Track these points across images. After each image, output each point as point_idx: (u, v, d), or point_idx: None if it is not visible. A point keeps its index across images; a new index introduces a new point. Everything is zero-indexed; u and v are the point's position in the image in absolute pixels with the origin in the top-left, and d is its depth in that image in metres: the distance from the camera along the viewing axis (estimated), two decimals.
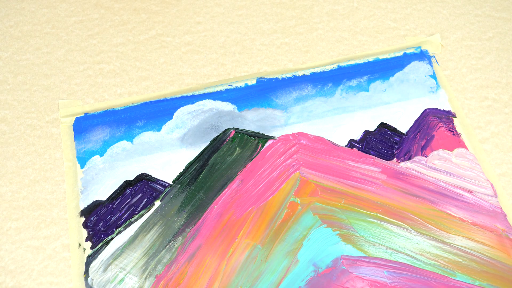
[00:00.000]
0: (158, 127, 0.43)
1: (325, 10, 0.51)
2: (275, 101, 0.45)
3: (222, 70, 0.47)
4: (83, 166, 0.41)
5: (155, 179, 0.41)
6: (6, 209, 0.40)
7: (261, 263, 0.37)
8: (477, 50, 0.49)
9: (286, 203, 0.39)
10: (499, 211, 0.40)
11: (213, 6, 0.51)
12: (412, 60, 0.47)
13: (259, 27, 0.49)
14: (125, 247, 0.38)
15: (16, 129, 0.43)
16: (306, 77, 0.46)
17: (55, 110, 0.44)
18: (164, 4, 0.51)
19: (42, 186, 0.41)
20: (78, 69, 0.46)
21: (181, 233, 0.38)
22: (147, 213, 0.39)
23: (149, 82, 0.46)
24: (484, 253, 0.38)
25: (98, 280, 0.36)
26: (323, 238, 0.38)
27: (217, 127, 0.43)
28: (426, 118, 0.44)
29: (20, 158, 0.42)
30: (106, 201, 0.40)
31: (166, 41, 0.48)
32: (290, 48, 0.48)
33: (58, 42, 0.48)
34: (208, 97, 0.45)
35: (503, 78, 0.47)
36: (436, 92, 0.45)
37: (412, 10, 0.51)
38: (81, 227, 0.39)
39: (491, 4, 0.52)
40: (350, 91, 0.45)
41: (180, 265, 0.37)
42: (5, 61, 0.47)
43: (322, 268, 0.37)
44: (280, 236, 0.38)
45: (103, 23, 0.49)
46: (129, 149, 0.42)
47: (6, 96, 0.45)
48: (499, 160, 0.43)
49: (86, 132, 0.43)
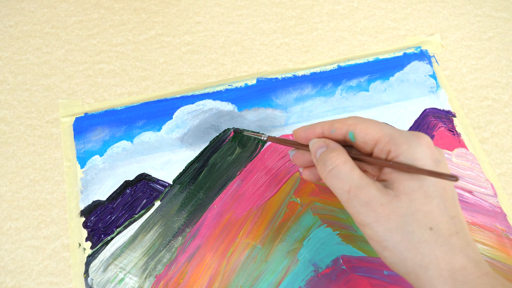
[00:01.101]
0: (158, 127, 0.43)
1: (325, 10, 0.51)
2: (275, 101, 0.45)
3: (222, 70, 0.47)
4: (83, 166, 0.41)
5: (155, 179, 0.41)
6: (6, 209, 0.40)
7: (261, 263, 0.37)
8: (477, 50, 0.49)
9: (286, 203, 0.39)
10: (499, 211, 0.40)
11: (213, 6, 0.51)
12: (412, 60, 0.47)
13: (259, 27, 0.49)
14: (125, 247, 0.38)
15: (16, 129, 0.43)
16: (306, 77, 0.46)
17: (55, 110, 0.44)
18: (164, 4, 0.51)
19: (42, 186, 0.41)
20: (78, 69, 0.46)
21: (181, 233, 0.38)
22: (147, 213, 0.39)
23: (149, 82, 0.46)
24: (484, 253, 0.38)
25: (98, 280, 0.36)
26: (323, 238, 0.38)
27: (217, 127, 0.43)
28: (426, 118, 0.44)
29: (20, 158, 0.42)
30: (106, 201, 0.40)
31: (166, 41, 0.48)
32: (290, 48, 0.48)
33: (58, 42, 0.48)
34: (208, 97, 0.45)
35: (503, 78, 0.47)
36: (436, 92, 0.45)
37: (412, 10, 0.51)
38: (81, 227, 0.39)
39: (491, 4, 0.52)
40: (350, 91, 0.45)
41: (180, 265, 0.37)
42: (5, 61, 0.47)
43: (322, 268, 0.37)
44: (280, 236, 0.38)
45: (103, 23, 0.49)
46: (129, 149, 0.42)
47: (6, 96, 0.45)
48: (499, 160, 0.43)
49: (86, 132, 0.43)
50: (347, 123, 0.27)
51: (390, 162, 0.25)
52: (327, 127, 0.28)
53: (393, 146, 0.25)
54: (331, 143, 0.28)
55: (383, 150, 0.26)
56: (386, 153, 0.26)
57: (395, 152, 0.25)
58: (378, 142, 0.26)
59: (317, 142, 0.28)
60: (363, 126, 0.26)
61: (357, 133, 0.27)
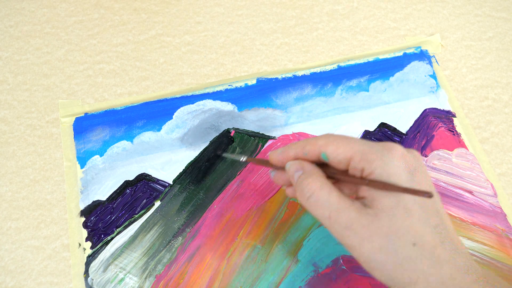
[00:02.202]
0: (158, 127, 0.43)
1: (325, 10, 0.51)
2: (275, 101, 0.45)
3: (222, 70, 0.47)
4: (83, 166, 0.41)
5: (155, 179, 0.41)
6: (6, 209, 0.40)
7: (261, 263, 0.37)
8: (477, 50, 0.49)
9: (286, 203, 0.39)
10: (499, 211, 0.40)
11: (213, 6, 0.51)
12: (412, 60, 0.47)
13: (259, 27, 0.49)
14: (125, 247, 0.38)
15: (16, 129, 0.43)
16: (306, 77, 0.46)
17: (55, 110, 0.44)
18: (164, 4, 0.51)
19: (42, 186, 0.41)
20: (78, 69, 0.46)
21: (181, 233, 0.38)
22: (147, 213, 0.39)
23: (149, 82, 0.46)
24: (484, 253, 0.38)
25: (98, 280, 0.36)
26: (323, 238, 0.38)
27: (217, 127, 0.43)
28: (426, 118, 0.44)
29: (20, 158, 0.42)
30: (106, 201, 0.40)
31: (166, 41, 0.48)
32: (290, 48, 0.48)
33: (58, 42, 0.48)
34: (208, 97, 0.45)
35: (503, 78, 0.47)
36: (436, 92, 0.45)
37: (412, 10, 0.51)
38: (81, 227, 0.39)
39: (491, 4, 0.52)
40: (350, 91, 0.45)
41: (180, 265, 0.37)
42: (5, 61, 0.47)
43: (322, 268, 0.37)
44: (280, 236, 0.38)
45: (103, 23, 0.49)
46: (129, 149, 0.42)
47: (6, 96, 0.45)
48: (499, 160, 0.43)
49: (86, 132, 0.43)
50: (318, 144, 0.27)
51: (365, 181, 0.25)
52: (299, 150, 0.28)
53: (366, 163, 0.25)
54: (306, 166, 0.27)
55: (357, 168, 0.25)
56: (360, 171, 0.25)
57: (369, 170, 0.25)
58: (351, 160, 0.26)
59: (293, 165, 0.28)
60: (333, 146, 0.26)
61: (329, 154, 0.26)
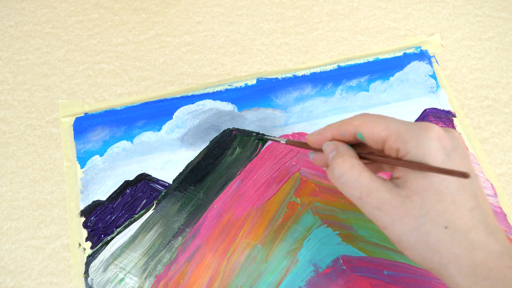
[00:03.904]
0: (158, 127, 0.43)
1: (325, 10, 0.51)
2: (275, 101, 0.45)
3: (222, 70, 0.47)
4: (83, 166, 0.41)
5: (155, 179, 0.41)
6: (6, 209, 0.40)
7: (261, 263, 0.37)
8: (477, 50, 0.49)
9: (286, 203, 0.39)
10: (499, 211, 0.40)
11: (213, 6, 0.51)
12: (412, 60, 0.47)
13: (259, 27, 0.49)
14: (125, 247, 0.38)
15: (16, 129, 0.43)
16: (306, 77, 0.46)
17: (55, 110, 0.44)
18: (164, 4, 0.51)
19: (42, 186, 0.41)
20: (78, 69, 0.46)
21: (181, 233, 0.38)
22: (147, 213, 0.39)
23: (149, 82, 0.46)
24: None
25: (98, 280, 0.36)
26: (323, 238, 0.38)
27: (217, 127, 0.43)
28: (426, 118, 0.44)
29: (20, 158, 0.42)
30: (106, 201, 0.40)
31: (166, 41, 0.48)
32: (290, 48, 0.48)
33: (58, 42, 0.48)
34: (208, 97, 0.45)
35: (503, 78, 0.47)
36: (436, 92, 0.45)
37: (412, 10, 0.51)
38: (81, 227, 0.39)
39: (491, 4, 0.52)
40: (350, 91, 0.45)
41: (180, 265, 0.37)
42: (5, 61, 0.47)
43: (322, 268, 0.37)
44: (280, 236, 0.38)
45: (103, 23, 0.49)
46: (129, 149, 0.42)
47: (6, 96, 0.45)
48: (499, 160, 0.43)
49: (86, 132, 0.43)
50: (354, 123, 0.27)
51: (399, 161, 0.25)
52: (336, 131, 0.28)
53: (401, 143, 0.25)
54: (341, 146, 0.28)
55: (392, 148, 0.25)
56: (396, 151, 0.25)
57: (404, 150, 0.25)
58: (386, 140, 0.25)
59: (328, 145, 0.28)
60: (369, 125, 0.26)
61: (364, 133, 0.26)
